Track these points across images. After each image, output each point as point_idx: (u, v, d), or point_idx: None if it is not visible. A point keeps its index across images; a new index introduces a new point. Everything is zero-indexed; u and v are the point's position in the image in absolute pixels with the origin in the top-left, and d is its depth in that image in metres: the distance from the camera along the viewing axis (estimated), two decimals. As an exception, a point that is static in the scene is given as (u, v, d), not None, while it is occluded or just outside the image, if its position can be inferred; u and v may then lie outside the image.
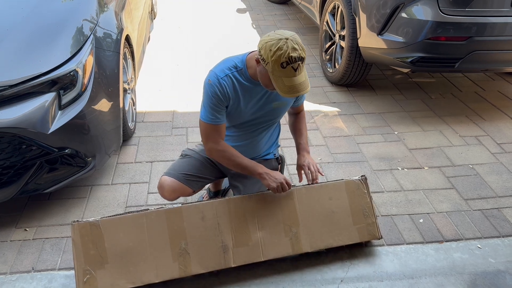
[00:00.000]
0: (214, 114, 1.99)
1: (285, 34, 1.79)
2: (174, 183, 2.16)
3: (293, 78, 1.80)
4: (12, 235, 2.38)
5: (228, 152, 2.05)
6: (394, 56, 3.39)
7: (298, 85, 1.82)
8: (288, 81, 1.81)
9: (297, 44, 1.78)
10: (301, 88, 1.82)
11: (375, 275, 2.18)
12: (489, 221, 2.53)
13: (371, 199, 2.27)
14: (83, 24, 2.57)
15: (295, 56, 1.76)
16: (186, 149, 2.36)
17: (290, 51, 1.75)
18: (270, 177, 2.05)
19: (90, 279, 1.93)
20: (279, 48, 1.75)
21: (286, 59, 1.76)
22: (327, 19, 4.20)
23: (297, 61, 1.77)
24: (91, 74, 2.45)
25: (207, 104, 1.99)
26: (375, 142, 3.27)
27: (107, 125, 2.60)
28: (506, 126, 3.48)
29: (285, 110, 2.21)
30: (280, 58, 1.75)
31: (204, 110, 2.01)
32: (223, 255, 2.06)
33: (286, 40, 1.76)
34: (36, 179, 2.34)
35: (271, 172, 2.07)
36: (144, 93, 3.90)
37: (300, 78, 1.82)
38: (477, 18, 3.10)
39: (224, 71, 1.98)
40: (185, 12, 6.08)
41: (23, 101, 2.20)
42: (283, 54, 1.75)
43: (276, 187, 2.04)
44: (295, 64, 1.77)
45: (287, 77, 1.80)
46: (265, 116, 2.15)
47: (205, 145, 2.08)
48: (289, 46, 1.75)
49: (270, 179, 2.04)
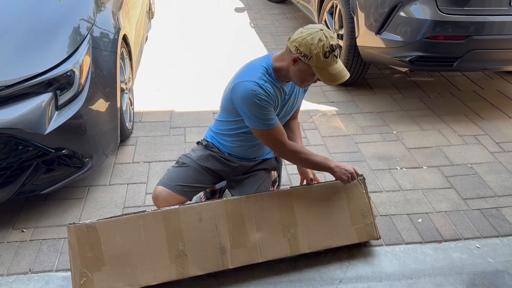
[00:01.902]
0: (268, 118, 1.99)
1: (316, 27, 1.86)
2: (170, 195, 2.14)
3: (335, 65, 1.88)
4: (9, 236, 2.36)
5: (302, 153, 2.11)
6: (392, 55, 3.38)
7: (341, 71, 1.90)
8: (332, 69, 1.87)
9: (330, 33, 1.86)
10: (345, 74, 1.91)
11: (373, 275, 2.17)
12: (488, 220, 2.53)
13: (370, 199, 2.27)
14: (80, 23, 2.55)
15: (334, 44, 1.85)
16: (182, 156, 2.32)
17: (329, 40, 1.83)
18: (341, 169, 2.13)
19: (86, 281, 1.92)
20: (319, 40, 1.82)
21: (329, 48, 1.82)
22: (325, 18, 4.19)
23: (336, 48, 1.86)
24: (88, 74, 2.43)
25: (258, 113, 1.96)
26: (373, 141, 3.26)
27: (104, 125, 2.59)
28: (505, 125, 3.48)
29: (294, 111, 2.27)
30: (323, 48, 1.82)
31: (255, 120, 1.98)
32: (221, 256, 2.05)
33: (321, 32, 1.84)
34: (33, 180, 2.33)
35: (341, 164, 2.16)
36: (141, 93, 3.88)
37: (340, 65, 1.91)
38: (476, 17, 3.09)
39: (262, 78, 1.97)
40: (183, 12, 6.06)
41: (20, 102, 2.18)
42: (325, 44, 1.82)
43: (347, 179, 2.14)
44: (336, 52, 1.85)
45: (330, 66, 1.87)
46: (283, 117, 2.19)
47: (276, 151, 2.12)
48: (326, 36, 1.83)
49: (341, 172, 2.13)
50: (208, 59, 4.56)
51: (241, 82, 1.97)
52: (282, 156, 2.14)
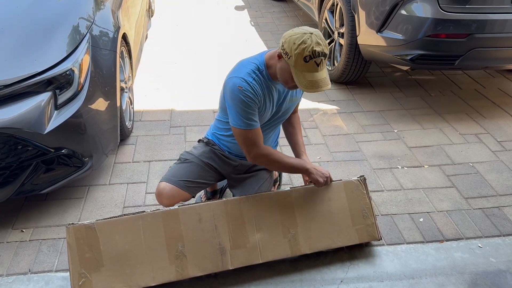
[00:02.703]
0: (250, 118, 1.96)
1: (310, 30, 1.80)
2: (174, 190, 2.13)
3: (315, 73, 1.80)
4: (8, 236, 2.35)
5: (274, 155, 2.06)
6: (393, 53, 3.37)
7: (320, 80, 1.81)
8: (309, 76, 1.80)
9: (321, 40, 1.78)
10: (323, 84, 1.82)
11: (375, 275, 2.16)
12: (489, 220, 2.51)
13: (371, 200, 2.25)
14: (79, 22, 2.54)
15: (318, 51, 1.76)
16: (184, 152, 2.32)
17: (314, 45, 1.75)
18: (318, 172, 2.11)
19: (85, 282, 1.90)
20: (303, 42, 1.76)
21: (310, 53, 1.75)
22: (326, 17, 4.17)
23: (320, 56, 1.77)
24: (88, 73, 2.42)
25: (241, 111, 1.94)
26: (374, 140, 3.24)
27: (104, 125, 2.58)
28: (506, 124, 3.46)
29: (293, 108, 2.23)
30: (303, 51, 1.75)
31: (237, 118, 1.96)
32: (220, 257, 2.04)
33: (310, 35, 1.77)
34: (33, 179, 2.32)
35: (317, 167, 2.14)
36: (141, 91, 3.87)
37: (322, 74, 1.82)
38: (477, 15, 3.07)
39: (250, 75, 1.95)
40: (183, 10, 6.05)
41: (19, 101, 2.17)
42: (307, 47, 1.75)
43: (323, 182, 2.10)
44: (318, 59, 1.77)
45: (309, 72, 1.79)
46: (280, 116, 2.16)
47: (249, 153, 2.03)
48: (313, 41, 1.76)
49: (318, 174, 2.10)
50: (208, 58, 4.55)
51: (230, 78, 1.97)
52: (254, 160, 2.05)
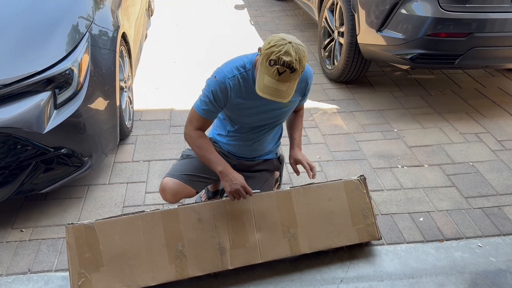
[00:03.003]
0: (208, 108, 1.99)
1: (293, 40, 1.74)
2: (177, 185, 2.13)
3: (273, 80, 1.74)
4: (8, 236, 2.35)
5: (201, 141, 2.04)
6: (393, 52, 3.36)
7: (275, 90, 1.76)
8: (268, 80, 1.75)
9: (296, 53, 1.71)
10: (277, 95, 1.76)
11: (375, 275, 2.16)
12: (489, 219, 2.51)
13: (370, 199, 2.25)
14: (79, 21, 2.53)
15: (285, 60, 1.70)
16: (186, 149, 2.33)
17: (283, 54, 1.70)
18: (229, 178, 1.99)
19: (85, 282, 1.90)
20: (275, 45, 1.72)
21: (276, 58, 1.70)
22: (326, 16, 4.16)
23: (284, 66, 1.70)
24: (87, 73, 2.41)
25: (205, 97, 1.98)
26: (374, 139, 3.24)
27: (103, 124, 2.57)
28: (506, 123, 3.46)
29: (291, 111, 2.19)
30: (271, 54, 1.71)
31: (200, 101, 2.02)
32: (220, 257, 2.04)
33: (287, 43, 1.72)
34: (32, 179, 2.31)
35: (232, 173, 2.01)
36: (141, 91, 3.87)
37: (281, 86, 1.75)
38: (477, 14, 3.07)
39: (232, 71, 1.95)
40: (182, 9, 6.04)
41: (18, 101, 2.17)
42: (275, 52, 1.70)
43: (230, 190, 1.98)
44: (281, 68, 1.71)
45: (268, 76, 1.75)
46: (273, 118, 2.13)
47: (185, 128, 2.07)
48: (285, 49, 1.70)
49: (228, 181, 1.99)
50: (208, 57, 4.54)
51: (218, 68, 2.01)
52: (185, 136, 2.07)
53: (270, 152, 2.34)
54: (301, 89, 2.07)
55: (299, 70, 1.74)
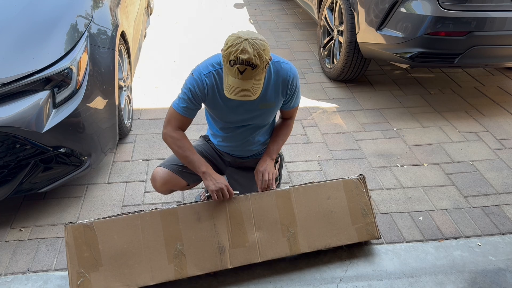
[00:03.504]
0: (187, 106, 1.99)
1: (248, 35, 1.73)
2: (166, 174, 2.15)
3: (236, 80, 1.75)
4: (6, 235, 2.35)
5: (181, 142, 2.03)
6: (393, 51, 3.36)
7: (240, 89, 1.76)
8: (232, 80, 1.76)
9: (253, 49, 1.70)
10: (242, 94, 1.76)
11: (374, 274, 2.16)
12: (489, 218, 2.51)
13: (370, 198, 2.25)
14: (77, 20, 2.53)
15: (243, 59, 1.69)
16: None
17: (240, 52, 1.69)
18: (212, 178, 2.01)
19: (84, 282, 1.90)
20: (232, 45, 1.72)
21: (235, 58, 1.71)
22: (325, 14, 4.16)
23: (244, 64, 1.70)
24: (86, 72, 2.41)
25: (184, 95, 1.99)
26: (374, 138, 3.24)
27: (102, 123, 2.57)
28: (506, 122, 3.46)
29: (274, 112, 2.15)
30: (230, 55, 1.72)
31: (178, 99, 2.02)
32: (219, 256, 2.03)
33: (243, 41, 1.71)
34: (31, 178, 2.31)
35: (215, 174, 2.03)
36: (140, 90, 3.86)
37: (245, 84, 1.75)
38: (477, 13, 3.06)
39: (208, 68, 1.97)
40: (181, 8, 6.03)
41: (16, 100, 2.17)
42: (233, 52, 1.71)
43: (214, 189, 2.00)
44: (241, 67, 1.71)
45: (232, 77, 1.76)
46: (254, 118, 2.10)
47: (164, 128, 2.06)
48: (242, 47, 1.70)
49: (211, 181, 2.01)
50: (207, 56, 4.51)
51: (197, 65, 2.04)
52: (164, 136, 2.05)
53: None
54: (282, 89, 2.03)
55: (261, 65, 1.74)
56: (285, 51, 4.67)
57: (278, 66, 1.99)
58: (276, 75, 1.99)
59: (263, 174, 2.12)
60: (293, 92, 2.07)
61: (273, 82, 2.00)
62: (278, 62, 2.00)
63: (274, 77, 1.99)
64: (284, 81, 2.01)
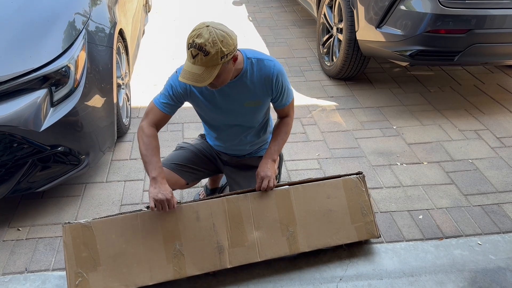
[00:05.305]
0: (167, 102, 1.99)
1: (213, 24, 1.73)
2: (165, 172, 2.11)
3: (189, 63, 1.75)
4: (4, 235, 2.34)
5: (149, 139, 1.96)
6: (392, 49, 3.35)
7: (189, 72, 1.75)
8: (186, 64, 1.77)
9: (209, 35, 1.69)
10: (191, 78, 1.74)
11: (374, 273, 2.15)
12: (489, 217, 2.50)
13: (370, 197, 2.24)
14: (75, 18, 2.51)
15: (197, 42, 1.69)
16: (181, 142, 2.38)
17: (196, 36, 1.70)
18: (157, 186, 1.91)
19: (82, 282, 1.89)
20: (194, 30, 1.73)
21: (190, 41, 1.72)
22: (325, 12, 4.14)
23: (197, 48, 1.69)
24: (84, 70, 2.40)
25: (165, 91, 2.00)
26: (373, 137, 3.23)
27: (100, 122, 2.56)
28: (505, 120, 3.45)
29: (262, 111, 2.11)
30: (189, 38, 1.73)
31: (160, 94, 2.03)
32: (218, 256, 2.02)
33: (204, 27, 1.71)
34: (29, 177, 2.30)
35: (164, 184, 1.93)
36: (138, 88, 3.84)
37: (196, 69, 1.73)
38: (477, 11, 3.05)
39: None
40: (180, 5, 6.01)
41: (14, 98, 2.15)
42: (191, 36, 1.72)
43: (155, 198, 1.89)
44: (194, 50, 1.71)
45: (187, 60, 1.76)
46: (241, 117, 2.08)
47: (141, 121, 2.04)
48: (199, 32, 1.70)
49: (157, 188, 1.91)
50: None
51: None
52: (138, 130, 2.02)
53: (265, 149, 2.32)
54: (266, 86, 1.99)
55: (215, 55, 1.70)
56: (284, 48, 4.66)
57: (261, 64, 1.96)
58: (259, 72, 1.96)
59: (263, 180, 2.08)
60: (280, 89, 2.02)
61: (257, 79, 1.97)
62: (261, 60, 1.97)
63: (257, 75, 1.96)
64: (267, 78, 1.97)
